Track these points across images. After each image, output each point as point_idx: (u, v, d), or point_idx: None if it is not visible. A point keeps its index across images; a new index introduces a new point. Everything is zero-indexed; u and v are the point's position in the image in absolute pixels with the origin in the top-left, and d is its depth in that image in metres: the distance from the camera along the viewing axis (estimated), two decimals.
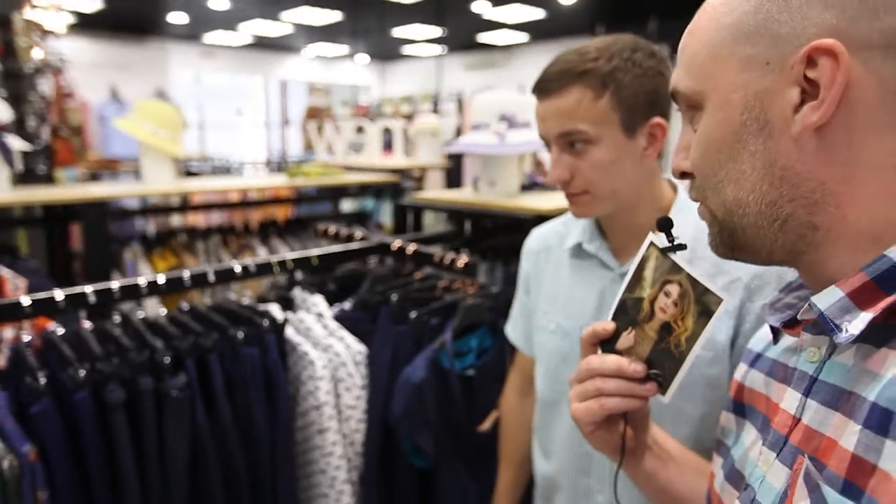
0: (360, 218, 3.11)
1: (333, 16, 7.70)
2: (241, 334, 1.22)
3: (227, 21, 8.17)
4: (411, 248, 1.55)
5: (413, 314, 1.40)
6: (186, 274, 1.25)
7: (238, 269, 1.34)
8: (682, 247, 0.62)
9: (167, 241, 2.49)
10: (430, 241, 1.89)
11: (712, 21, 0.51)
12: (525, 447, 1.23)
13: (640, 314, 0.64)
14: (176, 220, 3.42)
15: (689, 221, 0.97)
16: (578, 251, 1.06)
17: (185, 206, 3.23)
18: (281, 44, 9.99)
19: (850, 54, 0.44)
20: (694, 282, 0.60)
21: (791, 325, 0.55)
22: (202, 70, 10.29)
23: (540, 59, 8.80)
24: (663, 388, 0.62)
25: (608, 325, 0.66)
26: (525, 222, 1.72)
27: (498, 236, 2.16)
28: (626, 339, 0.65)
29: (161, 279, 1.21)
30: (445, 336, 1.41)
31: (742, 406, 0.61)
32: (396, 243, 1.59)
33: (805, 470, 0.46)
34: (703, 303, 0.59)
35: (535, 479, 1.18)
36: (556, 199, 1.92)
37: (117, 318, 1.23)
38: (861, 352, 0.46)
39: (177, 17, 7.91)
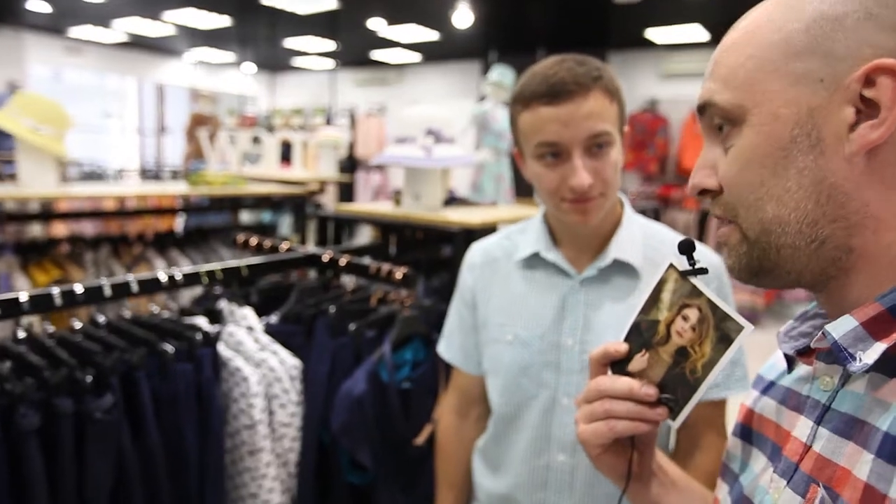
0: (263, 231, 2.98)
1: (221, 20, 7.35)
2: (171, 349, 1.12)
3: (99, 16, 7.51)
4: (344, 259, 1.51)
5: (352, 326, 1.37)
6: (107, 284, 1.13)
7: (164, 278, 1.23)
8: (704, 270, 0.61)
9: (47, 251, 2.22)
10: (354, 254, 1.86)
11: (756, 37, 0.51)
12: (465, 469, 1.21)
13: (656, 337, 0.63)
14: (36, 229, 3.06)
15: (634, 233, 1.06)
16: (532, 261, 1.08)
17: (50, 213, 2.90)
18: (160, 45, 9.35)
19: None
20: (714, 307, 0.59)
21: (805, 352, 0.55)
22: (65, 66, 9.36)
23: (432, 80, 8.97)
24: (674, 414, 0.61)
25: (621, 346, 0.64)
26: (453, 235, 1.75)
27: (418, 250, 2.18)
28: (639, 361, 0.64)
29: (79, 289, 1.09)
30: (384, 348, 1.39)
31: (750, 431, 0.61)
32: (328, 254, 1.55)
33: (819, 499, 0.45)
34: (722, 329, 0.58)
35: (476, 498, 1.17)
36: (479, 214, 1.97)
37: (21, 334, 1.08)
38: (873, 381, 0.46)
39: (37, 6, 7.14)
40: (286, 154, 5.00)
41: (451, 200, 2.19)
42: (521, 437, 1.06)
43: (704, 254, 0.99)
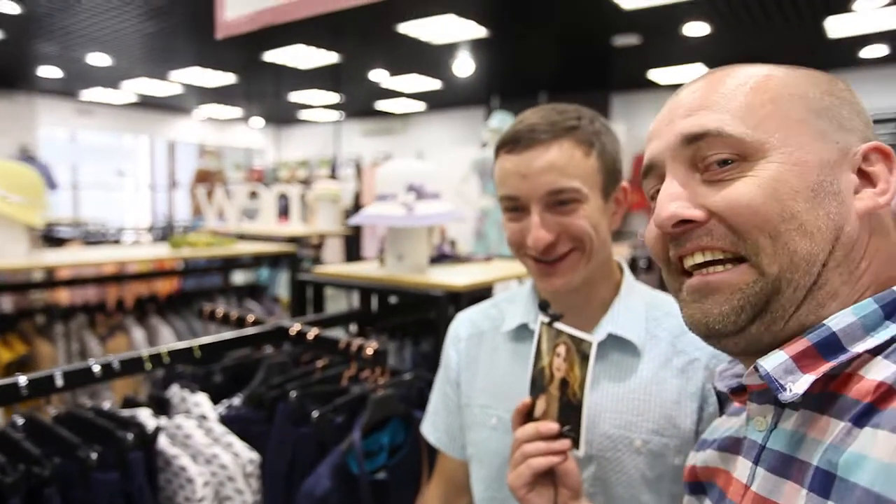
0: (254, 291, 2.85)
1: (226, 78, 7.47)
2: (94, 455, 0.97)
3: (108, 79, 7.68)
4: (312, 333, 1.37)
5: (315, 413, 1.21)
6: (22, 381, 0.99)
7: (97, 368, 1.09)
8: (560, 316, 0.77)
9: (15, 324, 2.10)
10: (332, 322, 1.71)
11: (773, 86, 0.53)
12: None
13: (544, 380, 0.77)
14: (38, 296, 2.96)
15: (634, 304, 0.91)
16: (521, 333, 0.96)
17: (49, 281, 2.81)
18: (169, 104, 9.54)
19: None
20: (572, 337, 0.74)
21: (738, 392, 0.58)
22: (78, 128, 9.55)
23: (437, 128, 9.02)
24: (576, 443, 0.73)
25: (526, 401, 0.78)
26: (437, 299, 1.60)
27: (406, 313, 2.03)
28: (539, 405, 0.78)
29: None
30: (354, 436, 1.23)
31: (701, 485, 0.62)
32: (295, 328, 1.40)
33: None
34: (581, 350, 0.73)
35: None
36: (468, 274, 1.82)
37: None
38: (803, 418, 0.49)
39: (49, 72, 7.31)
40: (286, 208, 4.93)
41: (441, 258, 2.05)
42: None
43: (697, 344, 0.87)
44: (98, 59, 6.57)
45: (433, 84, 7.69)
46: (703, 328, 0.53)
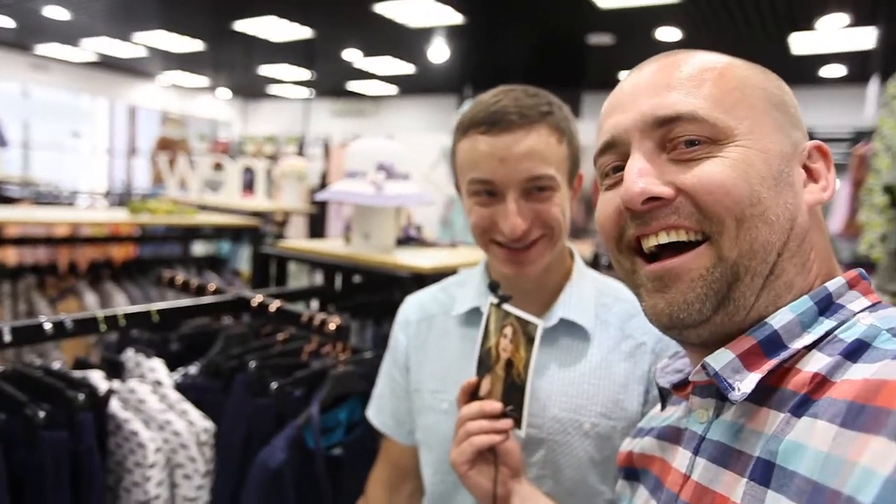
0: (214, 263, 2.79)
1: (193, 44, 7.24)
2: (41, 414, 0.94)
3: (66, 34, 7.34)
4: (275, 305, 1.35)
5: (274, 385, 1.20)
6: None
7: (48, 326, 1.05)
8: (509, 297, 0.78)
9: None
10: (295, 297, 1.70)
11: (737, 75, 0.54)
12: None
13: (491, 360, 0.78)
14: None
15: (585, 290, 0.94)
16: (472, 317, 0.95)
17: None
18: (131, 66, 9.19)
19: None
20: (519, 319, 0.76)
21: (680, 386, 0.59)
22: (31, 83, 9.10)
23: (408, 113, 8.96)
24: (518, 423, 0.75)
25: (472, 379, 0.80)
26: (402, 280, 1.60)
27: (369, 293, 2.02)
28: (484, 385, 0.79)
29: None
30: (312, 410, 1.22)
31: (635, 471, 0.63)
32: (257, 299, 1.38)
33: None
34: (527, 332, 0.75)
35: None
36: (434, 257, 1.83)
37: None
38: (743, 409, 0.50)
39: (0, 21, 6.95)
40: (250, 182, 4.83)
41: (406, 240, 2.05)
42: None
43: (644, 328, 0.89)
44: (55, 11, 6.28)
45: (407, 68, 7.63)
46: (667, 318, 0.52)
